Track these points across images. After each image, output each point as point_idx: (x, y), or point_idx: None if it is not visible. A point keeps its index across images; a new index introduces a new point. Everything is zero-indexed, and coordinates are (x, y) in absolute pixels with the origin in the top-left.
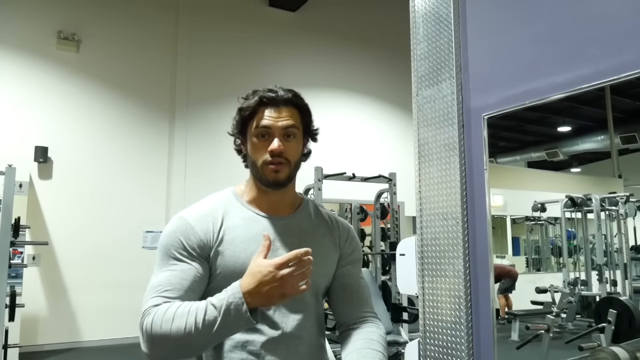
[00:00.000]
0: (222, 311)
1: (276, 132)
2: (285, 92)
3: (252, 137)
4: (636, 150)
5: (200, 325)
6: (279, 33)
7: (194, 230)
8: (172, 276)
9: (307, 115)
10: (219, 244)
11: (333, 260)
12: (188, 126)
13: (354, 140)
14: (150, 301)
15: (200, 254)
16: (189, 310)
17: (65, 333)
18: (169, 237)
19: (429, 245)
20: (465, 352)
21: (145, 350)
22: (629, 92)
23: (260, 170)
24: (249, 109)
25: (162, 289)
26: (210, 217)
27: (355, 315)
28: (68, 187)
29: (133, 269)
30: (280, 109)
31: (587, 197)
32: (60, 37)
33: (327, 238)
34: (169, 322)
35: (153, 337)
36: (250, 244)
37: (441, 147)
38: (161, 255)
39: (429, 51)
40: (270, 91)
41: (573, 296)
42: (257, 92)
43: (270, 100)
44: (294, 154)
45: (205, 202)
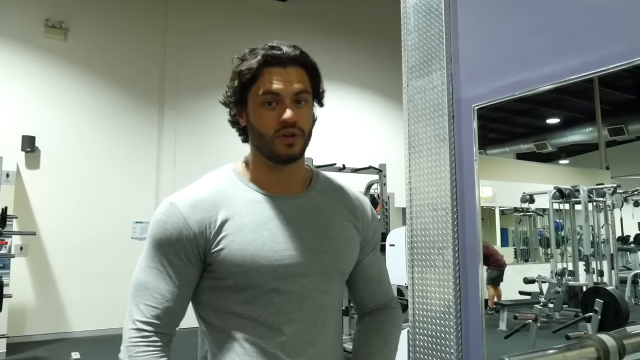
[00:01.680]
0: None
1: (286, 97)
2: (291, 49)
3: (257, 105)
4: (623, 142)
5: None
6: (269, 23)
7: (187, 224)
8: (161, 280)
9: (316, 76)
10: (222, 237)
11: (356, 244)
12: (177, 116)
13: (344, 132)
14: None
15: (192, 253)
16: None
17: (53, 324)
18: (158, 228)
19: (419, 235)
20: (454, 341)
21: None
22: (617, 84)
23: (270, 144)
24: (251, 71)
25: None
26: (208, 204)
27: (375, 302)
28: (56, 176)
29: (122, 259)
30: (287, 69)
31: (575, 189)
32: (47, 25)
33: (349, 219)
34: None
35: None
36: (260, 232)
37: (431, 138)
38: (151, 246)
39: (419, 42)
40: (273, 48)
41: (560, 286)
42: (256, 51)
43: (276, 59)
44: (307, 123)
45: (202, 184)
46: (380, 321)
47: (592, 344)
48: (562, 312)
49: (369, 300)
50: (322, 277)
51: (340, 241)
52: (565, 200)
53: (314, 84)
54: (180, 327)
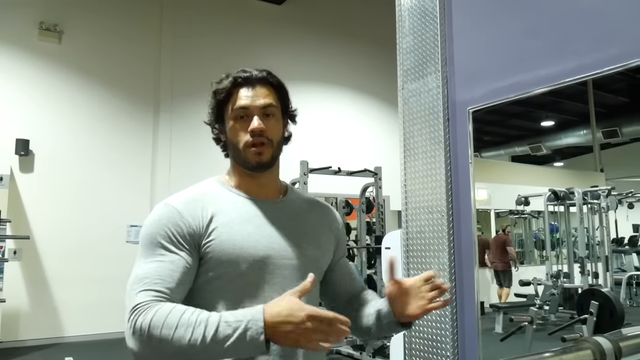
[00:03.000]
0: (237, 333)
1: (255, 111)
2: (259, 71)
3: (230, 120)
4: (618, 145)
5: (208, 341)
6: (265, 26)
7: (182, 217)
8: (161, 267)
9: (283, 94)
10: (212, 230)
11: (330, 245)
12: (172, 119)
13: (339, 134)
14: (140, 295)
15: (189, 243)
16: (197, 321)
17: (48, 328)
18: (154, 225)
19: (414, 238)
20: (450, 344)
21: (134, 349)
22: (611, 87)
23: (242, 154)
24: (224, 91)
25: (151, 282)
26: (199, 202)
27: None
28: (50, 180)
29: (116, 263)
30: (255, 88)
31: (570, 191)
32: (42, 27)
33: (323, 223)
34: (171, 329)
35: (148, 338)
36: (246, 226)
37: (427, 141)
38: (146, 245)
39: (414, 45)
40: (243, 71)
41: (556, 288)
42: (229, 75)
43: (245, 79)
44: (275, 133)
45: (191, 189)
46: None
47: (589, 347)
48: (558, 314)
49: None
50: (303, 271)
51: (317, 241)
52: (560, 202)
53: (282, 101)
54: None
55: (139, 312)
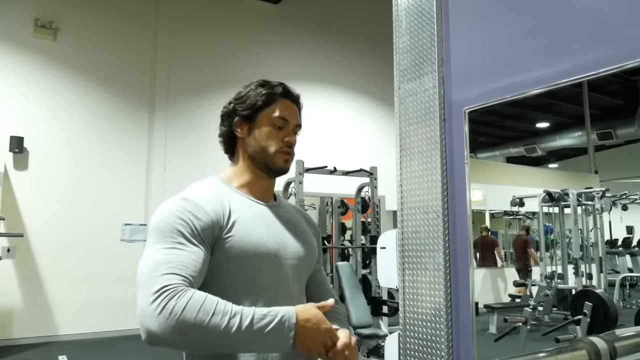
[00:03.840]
0: (271, 326)
1: (291, 126)
2: (295, 93)
3: (266, 124)
4: (612, 147)
5: (243, 330)
6: (261, 25)
7: (205, 211)
8: (183, 255)
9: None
10: (232, 225)
11: (316, 248)
12: (168, 117)
13: (335, 134)
14: (166, 277)
15: (208, 237)
16: (232, 311)
17: (41, 327)
18: (172, 215)
19: (410, 238)
20: (444, 344)
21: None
22: (605, 89)
23: (271, 157)
24: (272, 96)
25: (175, 266)
26: (217, 198)
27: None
28: (44, 178)
29: (110, 261)
30: (293, 105)
31: (564, 192)
32: (37, 24)
33: (308, 228)
34: (207, 315)
35: (179, 322)
36: (258, 226)
37: (422, 141)
38: (163, 232)
39: (411, 44)
40: (284, 85)
41: (550, 289)
42: (269, 83)
43: (290, 95)
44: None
45: (202, 186)
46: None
47: (584, 347)
48: (552, 315)
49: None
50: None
51: (308, 240)
52: (554, 203)
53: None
54: None
55: (171, 293)
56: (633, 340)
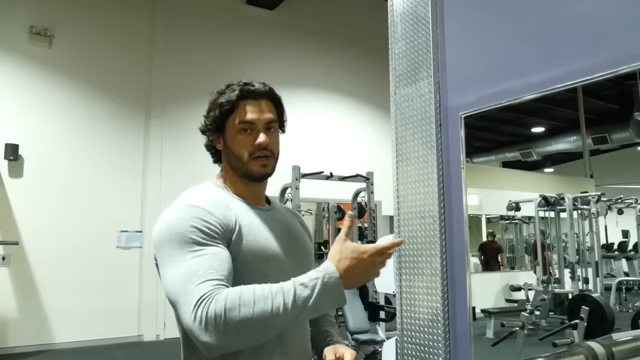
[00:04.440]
0: (316, 291)
1: (260, 125)
2: (262, 86)
3: (234, 132)
4: (607, 151)
5: (290, 306)
6: (257, 31)
7: (212, 215)
8: (207, 259)
9: (281, 108)
10: (239, 229)
11: (311, 252)
12: (164, 124)
13: (331, 140)
14: (200, 287)
15: (222, 237)
16: (272, 292)
17: (37, 335)
18: (183, 223)
19: (407, 243)
20: (442, 349)
21: (211, 341)
22: (600, 93)
23: (246, 165)
24: (230, 102)
25: (205, 273)
26: (222, 203)
27: None
28: (40, 185)
29: (107, 269)
30: (260, 102)
31: (560, 197)
32: (32, 32)
33: (303, 230)
34: (250, 306)
35: (226, 323)
36: (263, 230)
37: (419, 146)
38: (178, 244)
39: (407, 50)
40: (246, 84)
41: (546, 294)
42: (232, 86)
43: (250, 93)
44: (276, 146)
45: (202, 192)
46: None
47: (582, 352)
48: (549, 319)
49: None
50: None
51: (304, 244)
52: (550, 208)
53: (279, 114)
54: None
55: (207, 302)
56: (630, 344)
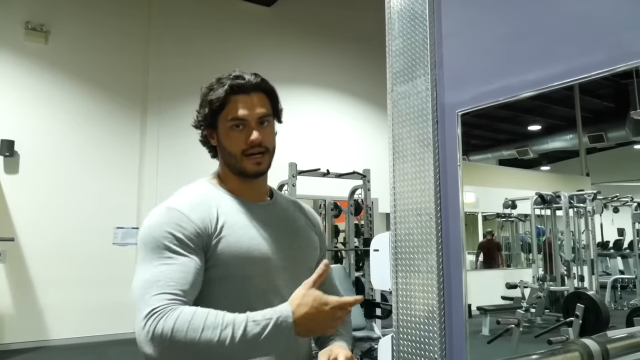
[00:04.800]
0: (267, 332)
1: (252, 121)
2: (252, 77)
3: (226, 129)
4: (603, 149)
5: (238, 340)
6: (254, 28)
7: (190, 220)
8: (172, 270)
9: (275, 99)
10: (220, 231)
11: (317, 246)
12: (160, 121)
13: (328, 137)
14: (155, 298)
15: (197, 245)
16: (223, 322)
17: (32, 331)
18: (158, 229)
19: (403, 240)
20: (437, 346)
21: (153, 354)
22: (597, 92)
23: (239, 162)
24: (219, 99)
25: (165, 284)
26: (205, 204)
27: None
28: (35, 182)
29: (102, 266)
30: (251, 96)
31: (556, 195)
32: (28, 27)
33: (308, 225)
34: (197, 332)
35: (171, 343)
36: (249, 229)
37: (415, 144)
38: (151, 248)
39: (404, 47)
40: (236, 78)
41: (542, 291)
42: (222, 80)
43: (240, 87)
44: (270, 141)
45: (190, 192)
46: None
47: (576, 349)
48: (544, 316)
49: None
50: (296, 272)
51: (306, 239)
52: (546, 206)
53: (273, 106)
54: None
55: (158, 316)
56: (625, 342)
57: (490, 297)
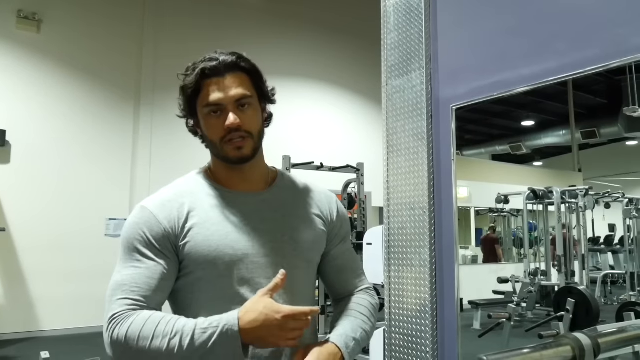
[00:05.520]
0: (213, 340)
1: (228, 105)
2: (228, 56)
3: (204, 115)
4: (596, 145)
5: (186, 349)
6: (250, 20)
7: (157, 220)
8: (138, 274)
9: (257, 78)
10: (188, 230)
11: (322, 235)
12: (154, 111)
13: (322, 130)
14: (117, 303)
15: (166, 247)
16: (172, 330)
17: (23, 322)
18: (131, 229)
19: (396, 234)
20: (429, 340)
21: (114, 358)
22: (590, 88)
23: (220, 150)
24: (192, 85)
25: (128, 289)
26: (175, 202)
27: (349, 290)
28: (27, 171)
29: (94, 257)
30: (225, 77)
31: (549, 190)
32: (20, 16)
33: (313, 212)
34: (147, 340)
35: (125, 349)
36: (224, 225)
37: (410, 138)
38: (124, 249)
39: (399, 41)
40: (210, 60)
41: (533, 286)
42: (196, 64)
43: (213, 70)
44: (253, 124)
45: (169, 187)
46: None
47: (568, 343)
48: (535, 311)
49: (343, 289)
50: (286, 267)
51: (303, 231)
52: (539, 201)
53: (256, 86)
54: None
55: (116, 322)
56: (615, 336)
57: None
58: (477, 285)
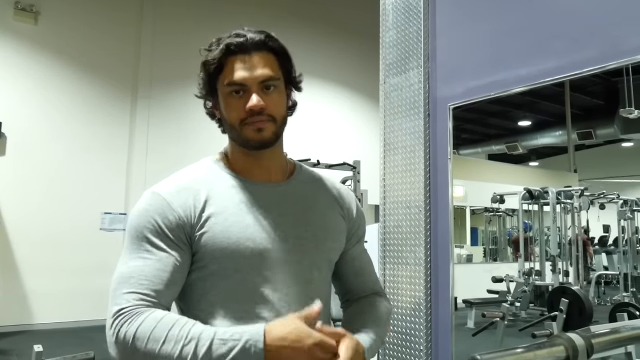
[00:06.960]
0: (233, 352)
1: (252, 85)
2: (255, 34)
3: (225, 95)
4: (591, 146)
5: (199, 358)
6: (247, 13)
7: (171, 208)
8: (147, 266)
9: (286, 60)
10: (205, 220)
11: (342, 233)
12: (151, 105)
13: (318, 127)
14: (124, 298)
15: (180, 237)
16: (187, 336)
17: (17, 315)
18: (141, 216)
19: (392, 232)
20: (423, 337)
21: (116, 355)
22: (586, 89)
23: (240, 132)
24: (215, 61)
25: (137, 282)
26: (191, 189)
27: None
28: (23, 164)
29: (89, 251)
30: (252, 56)
31: (544, 190)
32: (17, 7)
33: (334, 208)
34: (157, 342)
35: (132, 350)
36: (244, 217)
37: (406, 136)
38: (132, 238)
39: (397, 39)
40: (237, 36)
41: (527, 285)
42: (221, 40)
43: (239, 46)
44: (277, 109)
45: (183, 173)
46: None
47: (562, 343)
48: (529, 310)
49: (361, 290)
50: (307, 265)
51: (324, 229)
52: (534, 201)
53: (284, 69)
54: None
55: (123, 319)
56: (609, 337)
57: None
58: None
